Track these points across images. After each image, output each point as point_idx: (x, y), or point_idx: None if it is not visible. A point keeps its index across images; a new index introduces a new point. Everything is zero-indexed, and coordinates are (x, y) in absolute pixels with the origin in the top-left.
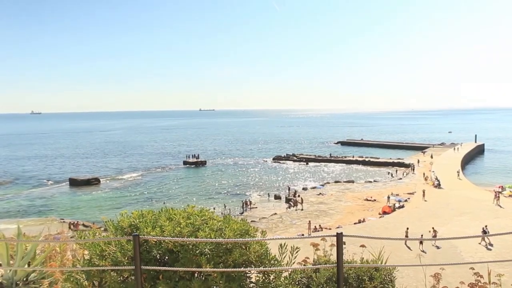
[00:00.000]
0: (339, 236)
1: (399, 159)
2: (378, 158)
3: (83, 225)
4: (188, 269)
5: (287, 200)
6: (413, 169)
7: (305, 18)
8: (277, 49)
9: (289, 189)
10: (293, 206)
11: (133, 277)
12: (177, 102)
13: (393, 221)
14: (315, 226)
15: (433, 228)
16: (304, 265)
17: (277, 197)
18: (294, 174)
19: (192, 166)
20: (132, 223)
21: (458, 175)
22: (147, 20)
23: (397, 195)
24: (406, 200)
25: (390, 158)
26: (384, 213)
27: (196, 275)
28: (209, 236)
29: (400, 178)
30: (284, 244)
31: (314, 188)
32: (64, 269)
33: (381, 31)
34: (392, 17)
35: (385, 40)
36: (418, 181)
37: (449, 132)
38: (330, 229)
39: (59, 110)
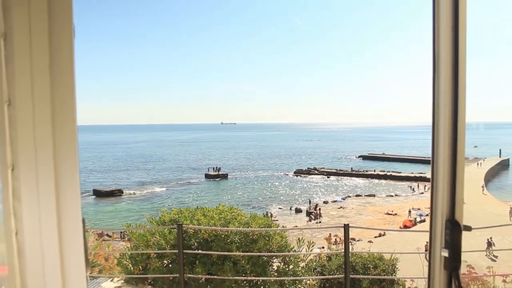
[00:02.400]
0: (346, 227)
1: (420, 173)
2: (399, 173)
3: (107, 235)
4: (221, 253)
5: (308, 213)
6: None
7: (323, 29)
8: (298, 62)
9: (310, 202)
10: (314, 219)
11: (171, 265)
12: (199, 115)
13: (413, 235)
14: (335, 239)
15: None
16: (319, 254)
17: (298, 210)
18: (315, 187)
19: (214, 179)
20: (172, 218)
21: (483, 190)
22: (166, 34)
23: (419, 209)
24: (427, 215)
25: (412, 173)
26: (405, 227)
27: (227, 261)
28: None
29: (422, 193)
30: (302, 238)
31: (335, 201)
32: (122, 251)
33: (403, 41)
34: (412, 26)
35: (406, 51)
36: None
37: (474, 146)
38: (350, 242)
39: (80, 123)
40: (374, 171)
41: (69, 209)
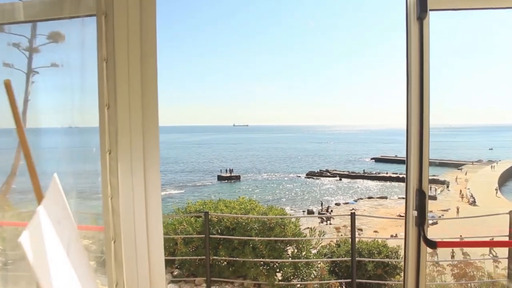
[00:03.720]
0: (352, 215)
1: (433, 176)
2: None
3: None
4: (242, 237)
5: (320, 215)
6: (448, 186)
7: (334, 28)
8: (309, 63)
9: (322, 204)
10: (326, 221)
11: (197, 250)
12: (211, 117)
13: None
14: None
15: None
16: (329, 242)
17: (310, 212)
18: (327, 189)
19: (227, 181)
20: (197, 208)
21: (497, 192)
22: (179, 34)
23: (431, 211)
24: (439, 217)
25: None
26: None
27: (247, 246)
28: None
29: (434, 195)
30: (314, 228)
31: (347, 203)
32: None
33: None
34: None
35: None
36: (452, 198)
37: (489, 149)
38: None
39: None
40: (387, 173)
41: (153, 182)
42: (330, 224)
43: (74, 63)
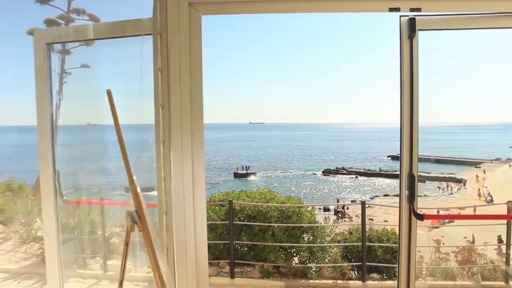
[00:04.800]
0: (363, 204)
1: (450, 174)
2: (428, 173)
3: None
4: (263, 224)
5: (336, 212)
6: (465, 184)
7: (339, 29)
8: (326, 60)
9: (338, 202)
10: (342, 218)
11: (221, 235)
12: (228, 115)
13: (440, 233)
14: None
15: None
16: (343, 231)
17: (326, 209)
18: (343, 187)
19: (243, 178)
20: (221, 198)
21: None
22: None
23: (447, 209)
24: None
25: (442, 173)
26: (433, 227)
27: (266, 232)
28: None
29: (451, 193)
30: (328, 217)
31: (363, 201)
32: None
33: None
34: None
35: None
36: (469, 196)
37: (510, 147)
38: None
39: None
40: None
41: (198, 167)
42: (345, 220)
43: (134, 72)
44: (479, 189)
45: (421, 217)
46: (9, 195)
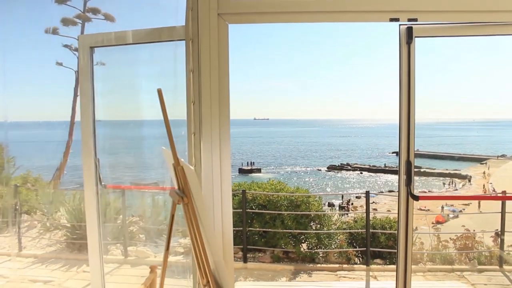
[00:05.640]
0: (367, 193)
1: (455, 170)
2: (433, 169)
3: None
4: (273, 212)
5: (341, 208)
6: (470, 180)
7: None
8: (331, 56)
9: (342, 197)
10: (347, 213)
11: (234, 223)
12: (233, 111)
13: (445, 229)
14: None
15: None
16: (348, 220)
17: (331, 205)
18: (348, 183)
19: (248, 174)
20: (234, 189)
21: None
22: None
23: (452, 205)
24: (460, 211)
25: (447, 169)
26: (437, 222)
27: (277, 220)
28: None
29: (456, 189)
30: (334, 206)
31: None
32: None
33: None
34: None
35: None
36: (474, 192)
37: None
38: None
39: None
40: None
41: (225, 155)
42: (352, 216)
43: (168, 72)
44: (484, 185)
45: (416, 197)
46: (30, 186)
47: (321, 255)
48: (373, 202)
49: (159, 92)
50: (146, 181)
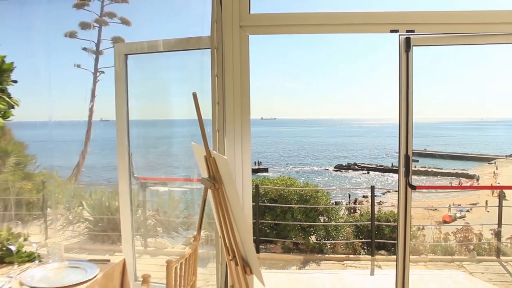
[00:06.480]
0: (372, 188)
1: (463, 170)
2: (441, 169)
3: None
4: (284, 205)
5: (348, 209)
6: (478, 180)
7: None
8: (337, 55)
9: (349, 197)
10: (353, 213)
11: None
12: None
13: (451, 229)
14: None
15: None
16: (354, 214)
17: (337, 204)
18: (355, 182)
19: (255, 173)
20: None
21: None
22: None
23: (459, 205)
24: (468, 211)
25: (454, 169)
26: (444, 222)
27: (287, 213)
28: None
29: (463, 189)
30: (341, 202)
31: (374, 196)
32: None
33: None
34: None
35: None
36: (482, 192)
37: None
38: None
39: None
40: (415, 167)
41: (246, 149)
42: (358, 211)
43: (196, 78)
44: (491, 184)
45: (414, 187)
46: (53, 182)
47: (328, 246)
48: (380, 201)
49: (194, 95)
50: (174, 175)
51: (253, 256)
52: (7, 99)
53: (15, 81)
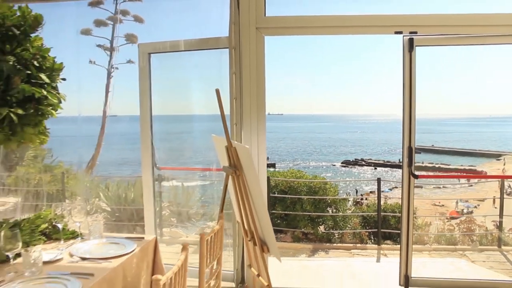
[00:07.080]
0: (378, 180)
1: (470, 166)
2: (448, 165)
3: None
4: (294, 196)
5: (355, 203)
6: None
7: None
8: (345, 51)
9: (356, 192)
10: (360, 205)
11: None
12: None
13: (455, 221)
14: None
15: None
16: (362, 206)
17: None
18: (362, 178)
19: None
20: None
21: None
22: None
23: (466, 201)
24: (475, 207)
25: (462, 165)
26: (452, 218)
27: (297, 204)
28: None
29: (471, 185)
30: (348, 193)
31: (382, 192)
32: None
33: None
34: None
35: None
36: (490, 188)
37: None
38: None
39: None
40: (422, 163)
41: (261, 141)
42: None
43: (214, 75)
44: (499, 181)
45: (416, 176)
46: (69, 175)
47: (336, 236)
48: (387, 197)
49: (217, 91)
50: (194, 165)
51: (271, 235)
52: (57, 95)
53: (64, 79)
